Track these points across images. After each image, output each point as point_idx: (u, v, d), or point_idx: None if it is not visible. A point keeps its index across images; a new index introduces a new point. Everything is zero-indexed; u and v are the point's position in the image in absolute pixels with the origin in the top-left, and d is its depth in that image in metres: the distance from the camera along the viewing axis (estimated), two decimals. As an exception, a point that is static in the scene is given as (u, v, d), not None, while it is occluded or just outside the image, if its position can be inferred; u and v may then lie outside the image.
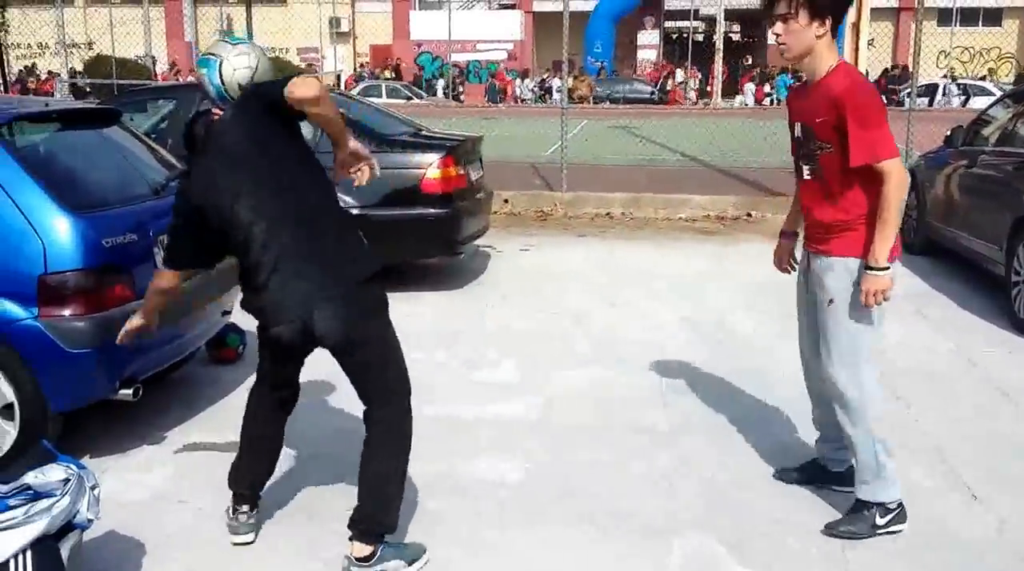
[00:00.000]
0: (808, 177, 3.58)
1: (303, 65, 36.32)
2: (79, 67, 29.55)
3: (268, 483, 3.68)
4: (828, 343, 3.56)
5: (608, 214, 11.16)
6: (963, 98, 28.28)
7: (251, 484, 3.59)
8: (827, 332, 3.55)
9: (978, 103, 20.88)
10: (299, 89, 2.97)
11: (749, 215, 10.85)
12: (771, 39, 3.58)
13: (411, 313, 6.71)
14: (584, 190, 11.58)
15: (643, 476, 4.14)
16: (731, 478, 4.09)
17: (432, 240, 7.30)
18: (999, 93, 18.43)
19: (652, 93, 33.55)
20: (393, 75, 37.00)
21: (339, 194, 7.10)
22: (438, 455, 4.31)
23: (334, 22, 37.96)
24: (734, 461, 4.26)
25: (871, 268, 3.37)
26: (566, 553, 3.51)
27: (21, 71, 31.15)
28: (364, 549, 3.26)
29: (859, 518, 3.61)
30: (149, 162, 5.07)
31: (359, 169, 3.34)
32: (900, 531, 3.60)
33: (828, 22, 3.39)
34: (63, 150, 4.71)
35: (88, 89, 23.16)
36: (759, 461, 4.23)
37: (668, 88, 34.74)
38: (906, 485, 4.01)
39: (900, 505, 3.62)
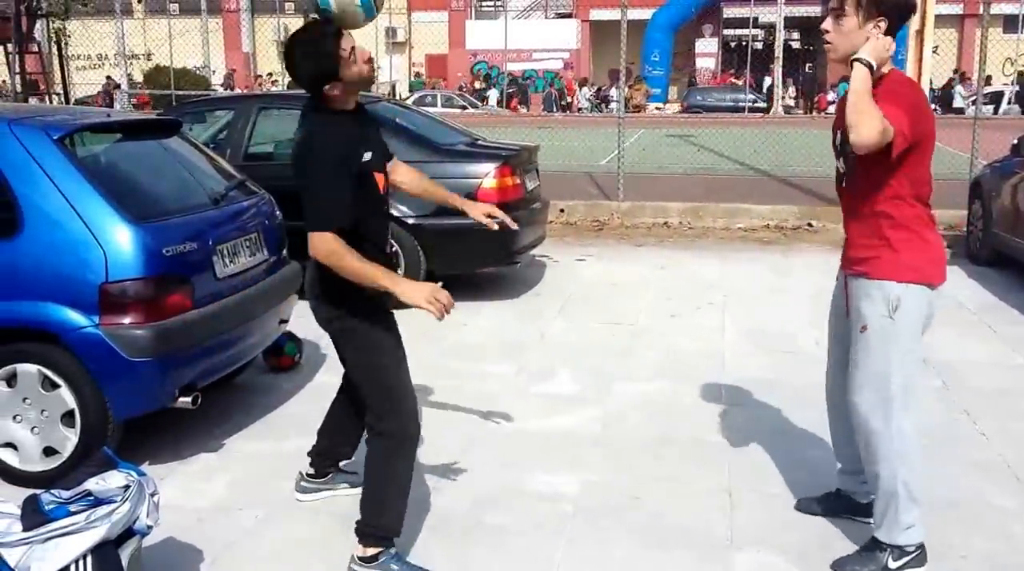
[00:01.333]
0: (845, 184, 3.35)
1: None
2: (138, 77, 30.03)
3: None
4: (855, 371, 3.29)
5: (666, 223, 11.05)
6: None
7: (317, 451, 3.91)
8: (856, 359, 3.29)
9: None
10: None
11: (810, 225, 10.67)
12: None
13: (467, 323, 6.70)
14: (641, 199, 11.49)
15: (705, 490, 4.06)
16: (795, 493, 3.99)
17: (488, 250, 7.27)
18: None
19: (753, 101, 32.57)
20: (485, 85, 37.17)
21: (394, 203, 7.20)
22: (498, 467, 4.28)
23: (390, 32, 38.25)
24: (798, 476, 4.15)
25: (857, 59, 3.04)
26: (627, 568, 3.45)
27: (106, 82, 31.57)
28: (365, 550, 3.33)
29: (871, 558, 3.35)
30: (209, 172, 5.12)
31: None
32: None
33: (883, 24, 3.09)
34: (124, 160, 4.78)
35: (148, 99, 23.55)
36: (823, 476, 4.11)
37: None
38: (978, 503, 3.91)
39: (920, 548, 3.33)
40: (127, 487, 2.92)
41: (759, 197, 11.62)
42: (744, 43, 36.38)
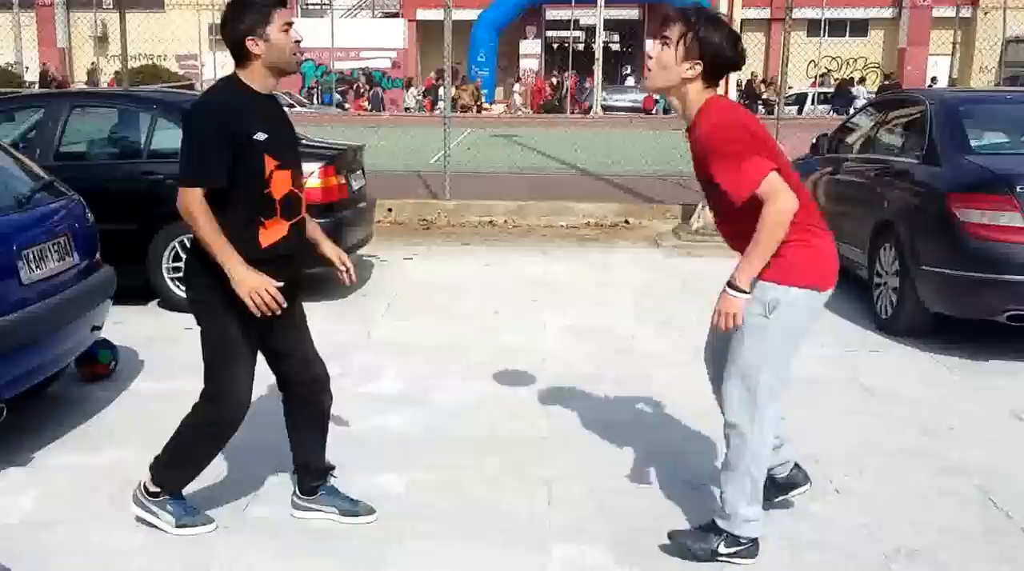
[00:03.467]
0: (715, 211, 3.47)
1: (181, 72, 35.36)
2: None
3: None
4: (729, 363, 3.39)
5: (492, 222, 11.22)
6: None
7: (295, 464, 3.94)
8: (728, 354, 3.39)
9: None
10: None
11: (627, 222, 11.05)
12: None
13: (292, 325, 6.61)
14: (468, 198, 11.62)
15: (527, 485, 4.16)
16: (615, 485, 4.14)
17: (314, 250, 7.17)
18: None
19: (656, 101, 32.73)
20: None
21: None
22: (320, 468, 4.26)
23: (214, 28, 37.09)
24: (618, 468, 4.31)
25: (730, 285, 3.20)
26: (449, 565, 3.52)
27: None
28: (151, 484, 3.60)
29: (704, 538, 3.49)
30: (13, 173, 4.88)
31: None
32: (744, 566, 3.46)
33: (699, 67, 3.17)
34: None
35: None
36: (643, 467, 4.30)
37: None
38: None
39: (753, 542, 3.47)
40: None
41: (581, 196, 11.95)
42: (566, 45, 37.10)
